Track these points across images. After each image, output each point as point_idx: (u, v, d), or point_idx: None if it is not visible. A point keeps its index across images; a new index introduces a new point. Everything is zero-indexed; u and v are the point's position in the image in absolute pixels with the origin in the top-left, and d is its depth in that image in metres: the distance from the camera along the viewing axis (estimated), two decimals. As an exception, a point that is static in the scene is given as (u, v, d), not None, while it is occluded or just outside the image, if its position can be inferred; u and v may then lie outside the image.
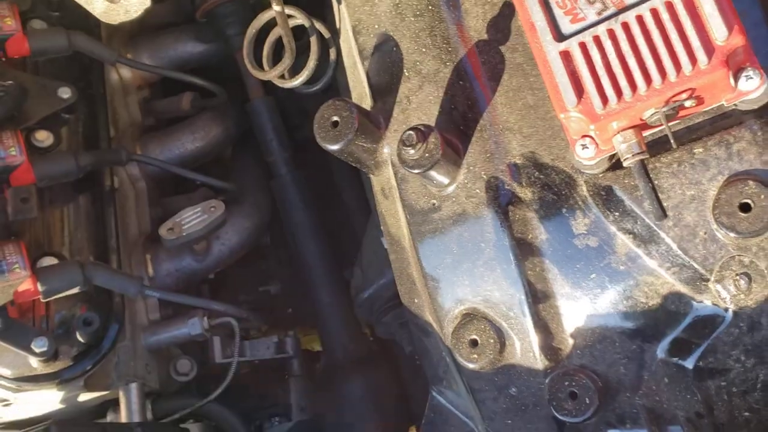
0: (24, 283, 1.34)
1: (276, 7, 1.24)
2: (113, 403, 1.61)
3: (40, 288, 1.36)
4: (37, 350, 1.35)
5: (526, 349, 1.09)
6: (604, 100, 0.89)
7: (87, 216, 1.58)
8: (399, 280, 1.29)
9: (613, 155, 0.98)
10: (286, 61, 1.32)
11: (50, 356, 1.38)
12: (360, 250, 1.68)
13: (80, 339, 1.43)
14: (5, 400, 1.48)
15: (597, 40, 0.90)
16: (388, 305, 1.59)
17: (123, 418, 1.52)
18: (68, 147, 1.59)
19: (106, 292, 1.50)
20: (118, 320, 1.50)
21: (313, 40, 1.34)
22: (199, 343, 1.72)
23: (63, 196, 1.56)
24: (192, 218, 1.57)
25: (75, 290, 1.41)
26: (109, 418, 1.61)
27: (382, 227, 1.31)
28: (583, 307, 1.05)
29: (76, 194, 1.58)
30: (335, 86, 1.54)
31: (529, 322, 1.08)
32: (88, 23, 1.70)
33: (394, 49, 1.16)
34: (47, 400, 1.51)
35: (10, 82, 1.49)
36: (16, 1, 1.58)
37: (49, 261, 1.44)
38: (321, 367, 1.92)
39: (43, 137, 1.53)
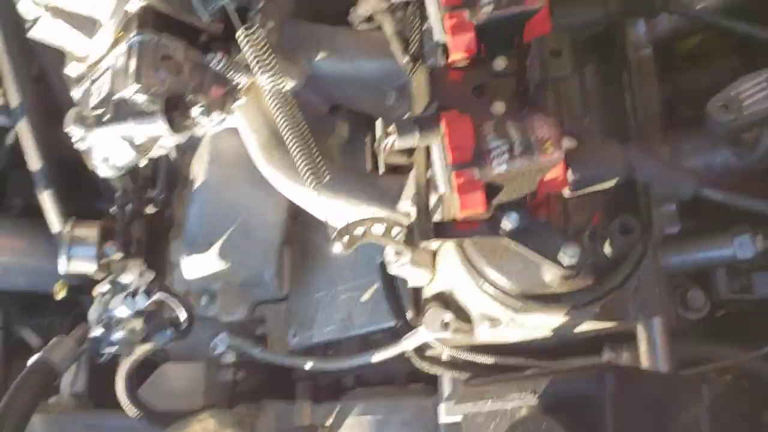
0: (554, 169, 0.98)
1: None
2: (611, 339, 1.24)
3: (570, 176, 0.99)
4: (567, 261, 1.00)
5: None
6: None
7: (599, 88, 1.18)
8: None
9: None
10: None
11: (578, 271, 1.02)
12: None
13: (608, 252, 1.04)
14: (495, 320, 1.17)
15: None
16: None
17: (643, 359, 1.13)
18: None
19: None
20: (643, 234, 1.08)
21: None
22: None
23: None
24: (755, 91, 1.08)
25: (609, 183, 1.02)
26: (606, 357, 1.24)
27: None
28: None
29: (585, 60, 1.18)
30: None
31: None
32: None
33: None
34: (541, 325, 1.18)
35: None
36: None
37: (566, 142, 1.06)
38: None
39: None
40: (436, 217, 1.06)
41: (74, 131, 1.27)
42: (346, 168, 1.36)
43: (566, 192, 1.01)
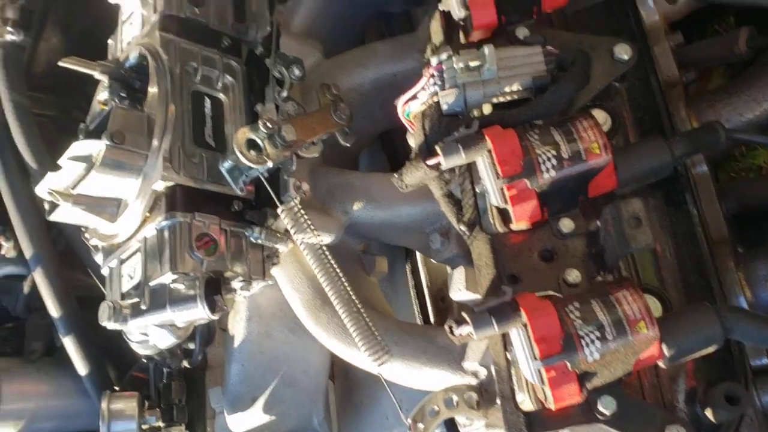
0: (650, 348, 0.90)
1: None
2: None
3: (666, 352, 0.91)
4: (676, 444, 0.91)
5: None
6: None
7: (669, 224, 1.10)
8: None
9: None
10: None
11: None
12: None
13: (715, 420, 0.96)
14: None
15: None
16: None
17: None
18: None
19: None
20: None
21: None
22: None
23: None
24: None
25: (708, 351, 0.94)
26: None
27: None
28: None
29: (649, 197, 1.11)
30: None
31: None
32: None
33: None
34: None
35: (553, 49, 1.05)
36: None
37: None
38: None
39: (602, 119, 1.08)
40: (523, 402, 0.97)
41: (110, 326, 1.19)
42: (403, 326, 1.28)
43: (661, 364, 0.94)
